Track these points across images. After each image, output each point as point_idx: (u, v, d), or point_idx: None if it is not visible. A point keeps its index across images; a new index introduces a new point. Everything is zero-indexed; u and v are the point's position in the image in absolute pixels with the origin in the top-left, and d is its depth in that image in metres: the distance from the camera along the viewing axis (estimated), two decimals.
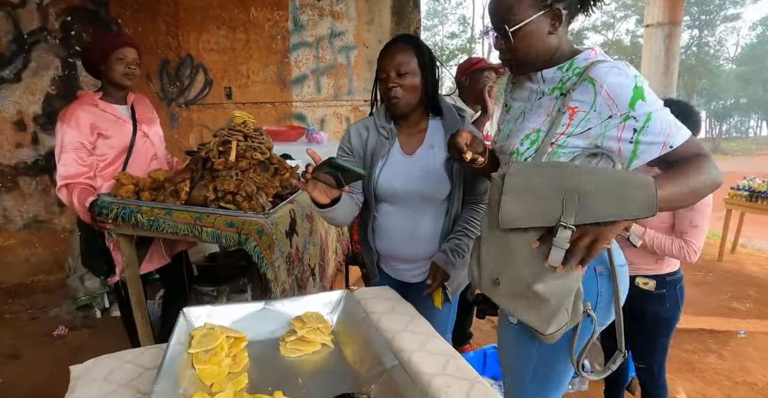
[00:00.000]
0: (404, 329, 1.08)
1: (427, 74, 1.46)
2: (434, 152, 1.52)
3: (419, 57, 1.44)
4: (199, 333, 1.05)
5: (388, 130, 1.54)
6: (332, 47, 4.33)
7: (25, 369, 2.69)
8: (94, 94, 2.09)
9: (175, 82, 4.02)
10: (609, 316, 1.19)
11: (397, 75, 1.44)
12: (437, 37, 37.52)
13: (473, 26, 35.02)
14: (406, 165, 1.53)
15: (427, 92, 1.49)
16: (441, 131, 1.53)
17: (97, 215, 1.77)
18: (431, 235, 1.57)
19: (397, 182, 1.53)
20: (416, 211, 1.56)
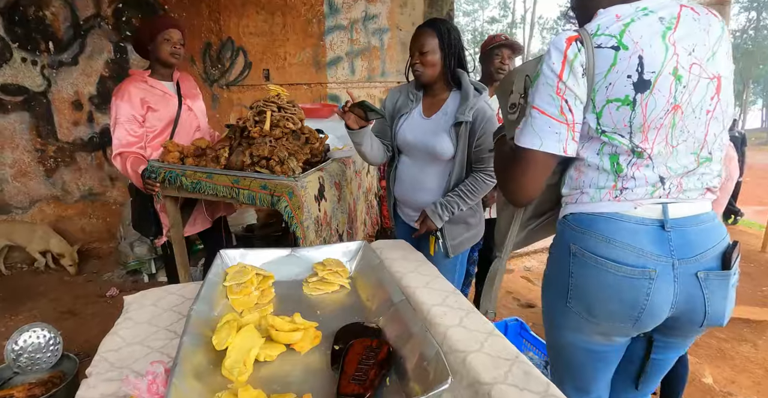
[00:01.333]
0: (413, 271, 1.20)
1: (447, 52, 1.73)
2: (446, 119, 1.79)
3: (440, 38, 1.71)
4: (233, 270, 1.20)
5: (414, 94, 1.87)
6: (366, 30, 4.43)
7: (81, 325, 2.98)
8: (143, 72, 2.28)
9: (217, 64, 4.22)
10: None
11: (420, 53, 1.73)
12: (477, 23, 36.84)
13: (514, 11, 34.14)
14: (422, 124, 1.83)
15: (447, 68, 1.76)
16: (457, 102, 1.79)
17: (147, 179, 1.96)
18: (434, 188, 1.85)
19: (411, 135, 1.84)
20: (425, 164, 1.85)
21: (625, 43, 1.01)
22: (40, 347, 1.77)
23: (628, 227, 1.08)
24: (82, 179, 4.13)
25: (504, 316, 3.39)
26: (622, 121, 1.04)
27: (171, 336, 1.02)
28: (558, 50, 1.04)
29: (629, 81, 1.01)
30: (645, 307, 1.07)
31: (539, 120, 1.08)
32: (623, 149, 1.06)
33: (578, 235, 1.14)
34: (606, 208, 1.11)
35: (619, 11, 1.04)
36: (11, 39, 3.76)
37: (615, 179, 1.09)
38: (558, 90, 1.05)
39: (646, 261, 1.05)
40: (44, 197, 4.07)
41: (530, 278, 4.53)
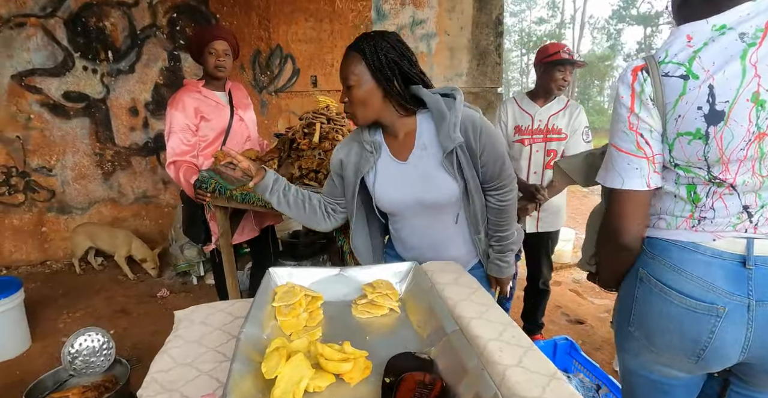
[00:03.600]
0: (466, 298, 1.15)
1: (383, 77, 1.28)
2: (428, 154, 1.37)
3: (367, 61, 1.27)
4: (282, 290, 1.19)
5: (370, 143, 1.40)
6: (414, 35, 4.39)
7: (133, 323, 3.08)
8: (197, 82, 2.33)
9: (266, 71, 4.30)
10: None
11: (347, 88, 1.32)
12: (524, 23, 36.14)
13: (563, 11, 33.25)
14: (401, 173, 1.40)
15: (391, 95, 1.31)
16: (431, 127, 1.37)
17: (198, 188, 2.00)
18: (457, 239, 1.48)
19: (394, 193, 1.41)
20: (432, 220, 1.45)
21: (694, 71, 0.93)
22: (95, 351, 1.82)
23: (701, 259, 1.01)
24: (136, 182, 4.29)
25: (552, 332, 3.27)
26: (695, 155, 0.97)
27: (220, 358, 1.01)
28: (625, 84, 1.01)
29: (700, 113, 0.93)
30: (708, 346, 1.01)
31: (618, 158, 1.04)
32: (701, 180, 0.99)
33: (649, 260, 1.09)
34: (682, 236, 1.04)
35: (692, 31, 0.95)
36: (74, 49, 3.96)
37: (692, 208, 1.03)
38: (630, 124, 1.00)
39: (715, 297, 0.99)
40: (101, 199, 4.26)
41: (579, 291, 4.37)
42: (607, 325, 3.50)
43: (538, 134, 2.45)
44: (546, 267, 2.75)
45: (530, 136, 2.46)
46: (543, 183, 2.47)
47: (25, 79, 3.90)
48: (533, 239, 2.63)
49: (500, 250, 1.49)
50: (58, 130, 4.05)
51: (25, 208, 4.11)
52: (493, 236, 1.50)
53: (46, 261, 4.22)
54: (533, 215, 2.52)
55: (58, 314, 3.22)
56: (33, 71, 3.91)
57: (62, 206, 4.19)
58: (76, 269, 3.95)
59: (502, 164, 1.39)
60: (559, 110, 2.45)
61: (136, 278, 3.83)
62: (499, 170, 1.39)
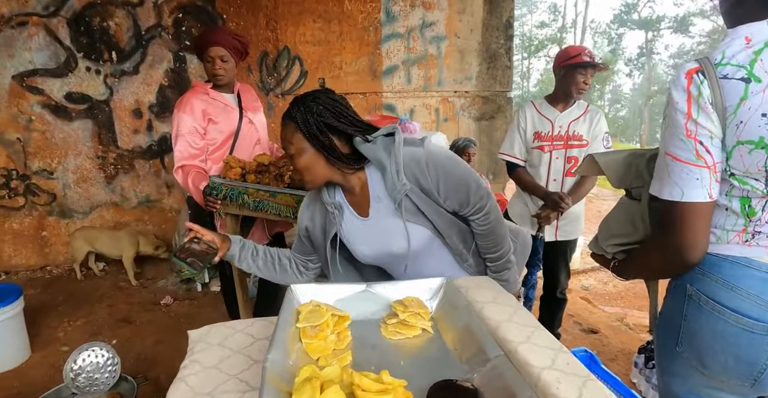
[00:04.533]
0: (509, 320, 1.06)
1: (321, 143, 1.23)
2: (383, 206, 1.32)
3: (302, 130, 1.22)
4: (306, 309, 1.10)
5: (331, 205, 1.36)
6: (423, 38, 4.31)
7: (137, 332, 2.98)
8: (205, 83, 2.25)
9: (273, 73, 4.22)
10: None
11: (289, 157, 1.29)
12: (525, 27, 36.18)
13: (564, 15, 33.28)
14: (366, 229, 1.37)
15: (332, 158, 1.26)
16: (379, 177, 1.30)
17: (208, 195, 1.91)
18: (443, 271, 1.39)
19: (366, 248, 1.38)
20: (411, 262, 1.38)
21: (756, 74, 0.86)
22: (99, 367, 1.73)
23: (757, 276, 0.95)
24: (139, 185, 4.20)
25: (566, 342, 3.18)
26: (756, 165, 0.90)
27: (243, 387, 0.92)
28: (679, 88, 0.93)
29: (764, 121, 0.86)
30: (767, 368, 0.96)
31: (675, 168, 0.96)
32: (756, 194, 0.93)
33: (698, 276, 1.03)
34: (734, 251, 0.98)
35: (751, 32, 0.87)
36: (77, 49, 3.88)
37: (746, 222, 0.96)
38: (688, 132, 0.92)
39: None
40: (103, 203, 4.17)
41: (590, 298, 4.28)
42: (620, 335, 3.42)
43: (559, 141, 2.36)
44: (564, 276, 2.67)
45: (550, 143, 2.37)
46: (564, 191, 2.39)
47: (27, 79, 3.81)
48: (552, 247, 2.55)
49: (496, 270, 1.42)
50: (60, 132, 3.96)
51: (25, 212, 4.02)
52: (485, 258, 1.43)
53: (46, 266, 4.12)
54: (553, 223, 2.44)
55: (58, 322, 3.13)
56: (35, 72, 3.82)
57: (63, 210, 4.09)
58: (77, 274, 3.86)
59: (468, 189, 1.30)
60: (580, 115, 2.37)
61: (139, 284, 3.73)
62: (466, 196, 1.30)
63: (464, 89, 4.46)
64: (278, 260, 1.50)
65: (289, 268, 1.51)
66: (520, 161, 2.48)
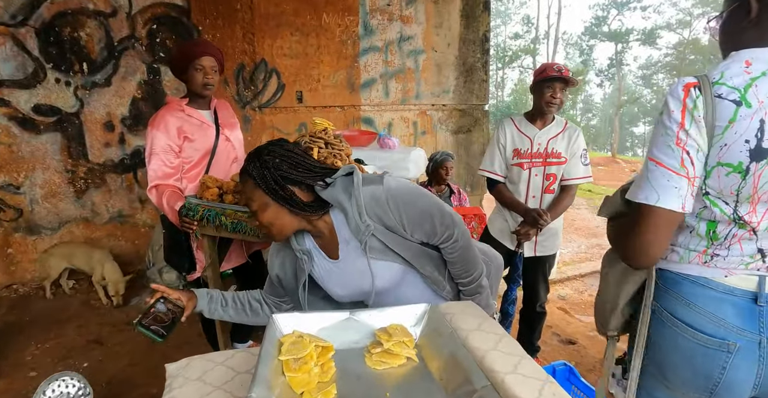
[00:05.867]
0: (494, 348, 1.05)
1: (281, 196, 1.23)
2: (351, 247, 1.31)
3: (260, 186, 1.22)
4: (289, 341, 1.07)
5: (300, 251, 1.35)
6: (401, 51, 4.34)
7: (109, 355, 2.88)
8: (181, 100, 2.20)
9: (250, 86, 4.17)
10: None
11: (252, 213, 1.29)
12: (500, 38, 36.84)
13: (537, 26, 34.04)
14: (339, 271, 1.35)
15: (294, 210, 1.25)
16: (343, 220, 1.30)
17: (184, 216, 1.86)
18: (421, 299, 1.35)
19: (341, 290, 1.37)
20: (386, 296, 1.37)
21: (748, 99, 0.89)
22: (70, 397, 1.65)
23: (713, 295, 1.02)
24: (111, 200, 4.09)
25: (546, 354, 3.21)
26: (730, 188, 0.94)
27: None
28: (676, 99, 0.95)
29: (746, 146, 0.90)
30: (720, 381, 1.01)
31: (657, 173, 0.97)
32: (724, 219, 0.97)
33: (661, 293, 1.10)
34: (694, 271, 1.04)
35: (753, 57, 0.91)
36: (46, 60, 3.77)
37: (708, 244, 1.01)
38: (678, 140, 0.95)
39: (726, 333, 1.00)
40: (73, 219, 4.04)
41: (567, 309, 4.33)
42: (597, 345, 3.45)
43: (538, 158, 2.39)
44: (543, 291, 2.69)
45: (529, 160, 2.40)
46: (542, 207, 2.42)
47: None
48: (531, 263, 2.57)
49: (469, 293, 1.42)
50: (27, 145, 3.83)
51: None
52: (457, 283, 1.42)
53: (12, 285, 3.96)
54: (532, 239, 2.46)
55: (25, 345, 2.99)
56: (1, 83, 3.69)
57: (30, 226, 3.95)
58: (46, 293, 3.71)
59: (432, 219, 1.28)
60: (558, 132, 2.40)
61: (110, 303, 3.61)
62: (431, 227, 1.29)
63: (442, 102, 4.50)
64: (249, 306, 1.49)
65: (261, 311, 1.51)
66: (500, 177, 2.50)
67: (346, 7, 4.18)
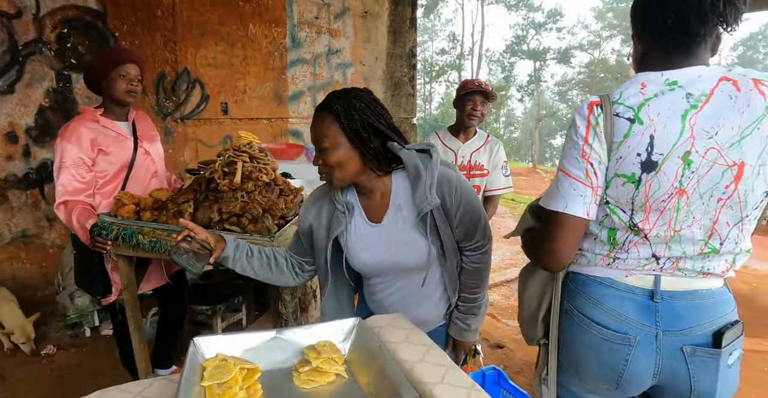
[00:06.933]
0: (422, 359, 1.07)
1: (359, 138, 1.21)
2: (402, 216, 1.30)
3: (341, 123, 1.19)
4: (212, 365, 1.03)
5: (343, 203, 1.32)
6: (329, 64, 4.36)
7: (13, 392, 2.60)
8: (95, 110, 2.07)
9: (171, 96, 4.00)
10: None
11: (320, 151, 1.24)
12: (427, 53, 38.03)
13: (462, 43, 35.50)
14: (375, 236, 1.32)
15: (367, 157, 1.24)
16: (407, 187, 1.29)
17: (96, 235, 1.74)
18: (429, 299, 1.43)
19: (368, 256, 1.34)
20: (406, 280, 1.38)
21: (641, 117, 0.99)
22: None
23: (616, 294, 1.12)
24: (14, 219, 3.72)
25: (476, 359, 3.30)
26: (625, 197, 1.04)
27: None
28: (581, 116, 1.05)
29: (638, 159, 1.00)
30: (624, 373, 1.11)
31: (565, 182, 1.07)
32: (621, 226, 1.07)
33: (572, 294, 1.19)
34: (600, 272, 1.15)
35: (647, 80, 1.01)
36: None
37: (610, 248, 1.12)
38: (583, 153, 1.04)
39: (627, 328, 1.09)
40: None
41: (495, 314, 4.48)
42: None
43: (462, 171, 2.48)
44: None
45: None
46: None
47: None
48: None
49: (464, 311, 1.44)
50: None
51: None
52: (460, 295, 1.44)
53: None
54: None
55: None
56: None
57: None
58: None
59: (478, 223, 1.34)
60: (480, 145, 2.51)
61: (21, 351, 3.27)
62: (474, 229, 1.34)
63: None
64: (275, 261, 1.42)
65: (286, 268, 1.45)
66: None
67: (273, 19, 4.14)
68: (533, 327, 1.30)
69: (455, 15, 46.44)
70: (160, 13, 3.87)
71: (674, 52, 1.03)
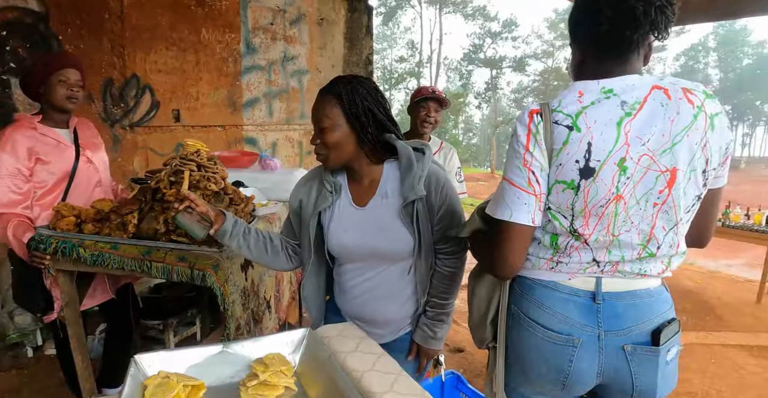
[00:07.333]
0: (371, 368, 1.06)
1: (358, 122, 1.28)
2: (387, 202, 1.34)
3: (343, 106, 1.26)
4: (153, 383, 0.99)
5: (331, 183, 1.38)
6: (285, 71, 4.32)
7: None
8: (32, 117, 1.97)
9: (120, 103, 3.85)
10: None
11: (320, 130, 1.29)
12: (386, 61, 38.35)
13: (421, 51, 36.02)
14: (357, 219, 1.37)
15: (363, 141, 1.30)
16: (396, 176, 1.35)
17: (33, 250, 1.65)
18: (399, 296, 1.43)
19: (347, 238, 1.37)
20: (379, 270, 1.40)
21: (579, 125, 1.02)
22: None
23: (559, 296, 1.15)
24: None
25: None
26: (566, 203, 1.07)
27: None
28: (522, 124, 1.07)
29: (576, 166, 1.02)
30: (570, 373, 1.14)
31: (509, 191, 1.09)
32: (563, 231, 1.10)
33: (518, 298, 1.21)
34: (544, 276, 1.17)
35: (584, 88, 1.04)
36: None
37: (553, 253, 1.14)
38: (525, 161, 1.06)
39: (571, 329, 1.12)
40: None
41: (455, 318, 4.53)
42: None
43: None
44: None
45: None
46: None
47: None
48: None
49: (432, 317, 1.45)
50: None
51: None
52: (430, 300, 1.44)
53: None
54: None
55: None
56: None
57: None
58: None
59: (457, 226, 1.37)
60: (435, 152, 2.54)
61: None
62: (450, 230, 1.38)
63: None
64: (270, 241, 1.46)
65: (281, 251, 1.48)
66: None
67: (227, 24, 4.07)
68: (482, 330, 1.32)
69: (414, 23, 47.13)
70: (108, 16, 3.73)
71: (609, 60, 1.06)
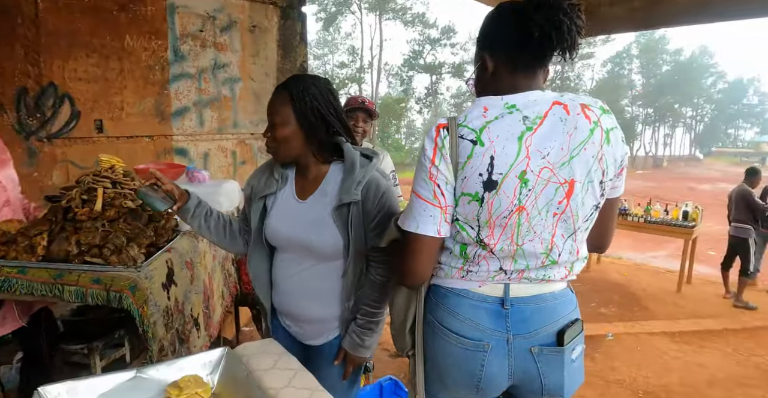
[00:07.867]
0: (287, 385, 1.07)
1: (307, 121, 1.36)
2: (325, 201, 1.42)
3: (294, 104, 1.35)
4: None
5: (280, 173, 1.49)
6: (216, 79, 4.22)
7: None
8: None
9: (36, 113, 3.62)
10: None
11: (271, 125, 1.40)
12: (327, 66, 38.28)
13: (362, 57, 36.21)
14: (295, 210, 1.46)
15: (312, 139, 1.39)
16: (339, 177, 1.42)
17: None
18: (326, 296, 1.48)
19: (284, 227, 1.46)
20: (309, 264, 1.47)
21: (482, 139, 1.07)
22: None
23: (470, 303, 1.20)
24: None
25: (376, 370, 3.34)
26: (472, 214, 1.12)
27: None
28: (430, 138, 1.11)
29: (480, 179, 1.07)
30: (482, 377, 1.18)
31: (416, 204, 1.13)
32: (471, 241, 1.15)
33: (433, 306, 1.25)
34: (456, 284, 1.22)
35: (489, 104, 1.10)
36: None
37: (463, 262, 1.19)
38: (430, 175, 1.10)
39: (482, 335, 1.17)
40: None
41: None
42: None
43: None
44: None
45: None
46: None
47: None
48: None
49: (362, 325, 1.46)
50: None
51: None
52: (361, 308, 1.46)
53: None
54: None
55: None
56: None
57: None
58: None
59: (390, 234, 1.38)
60: None
61: None
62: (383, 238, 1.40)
63: (261, 131, 4.46)
64: (230, 225, 1.58)
65: (239, 235, 1.59)
66: None
67: (152, 30, 3.93)
68: (402, 338, 1.36)
69: (354, 29, 47.31)
70: (20, 21, 3.50)
71: (521, 74, 1.12)
